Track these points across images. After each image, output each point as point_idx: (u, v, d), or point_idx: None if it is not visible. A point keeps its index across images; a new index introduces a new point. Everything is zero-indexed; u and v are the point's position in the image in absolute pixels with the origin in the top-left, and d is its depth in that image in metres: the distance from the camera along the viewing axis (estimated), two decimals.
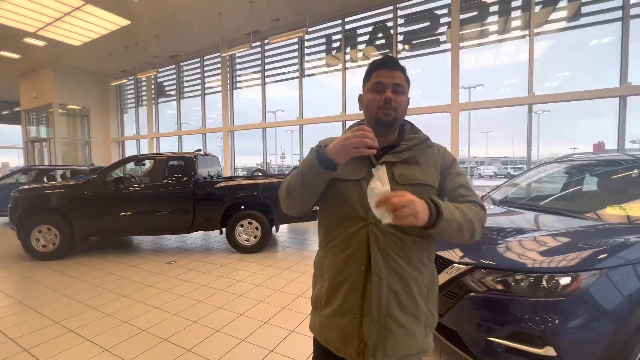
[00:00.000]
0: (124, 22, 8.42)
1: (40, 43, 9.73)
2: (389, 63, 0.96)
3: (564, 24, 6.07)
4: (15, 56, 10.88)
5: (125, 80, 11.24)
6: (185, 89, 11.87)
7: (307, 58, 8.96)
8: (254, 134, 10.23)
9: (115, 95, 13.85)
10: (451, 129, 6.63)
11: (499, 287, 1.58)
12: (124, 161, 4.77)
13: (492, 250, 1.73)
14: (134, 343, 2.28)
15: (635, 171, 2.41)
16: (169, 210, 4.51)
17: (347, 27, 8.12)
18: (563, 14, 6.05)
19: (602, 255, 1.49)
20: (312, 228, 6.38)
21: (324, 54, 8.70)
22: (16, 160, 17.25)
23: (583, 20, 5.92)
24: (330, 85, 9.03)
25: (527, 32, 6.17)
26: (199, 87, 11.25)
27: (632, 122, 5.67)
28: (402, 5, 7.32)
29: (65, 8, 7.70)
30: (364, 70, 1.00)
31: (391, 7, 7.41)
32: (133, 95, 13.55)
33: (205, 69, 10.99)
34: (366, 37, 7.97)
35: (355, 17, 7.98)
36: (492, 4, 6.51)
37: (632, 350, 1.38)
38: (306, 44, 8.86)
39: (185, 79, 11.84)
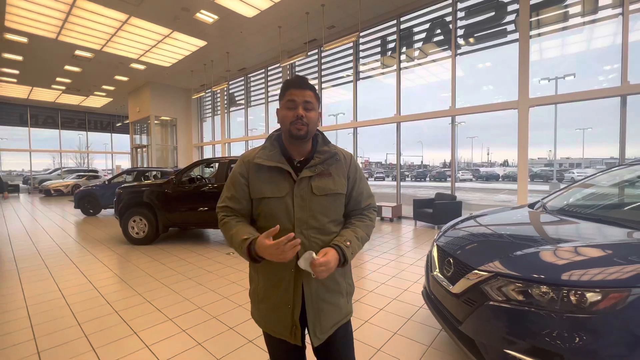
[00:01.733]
0: (202, 43, 9.71)
1: (141, 67, 11.83)
2: (299, 83, 1.08)
3: None
4: (125, 79, 13.42)
5: (203, 93, 12.87)
6: (252, 98, 13.01)
7: (362, 61, 9.01)
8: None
9: (196, 107, 15.93)
10: (519, 128, 5.96)
11: (520, 297, 1.49)
12: (193, 165, 5.56)
13: (516, 259, 1.63)
14: (190, 317, 2.73)
15: None
16: None
17: (403, 26, 7.93)
18: None
19: None
20: None
21: (379, 56, 8.64)
22: (127, 163, 21.07)
23: None
24: (389, 86, 8.92)
25: (620, 9, 5.20)
26: (263, 95, 12.24)
27: None
28: None
29: (159, 37, 9.26)
30: (422, 68, 1.11)
31: (450, 1, 7.00)
32: (210, 106, 15.40)
33: (269, 78, 11.90)
34: (423, 35, 7.67)
35: (410, 16, 7.75)
36: None
37: None
38: (361, 47, 8.93)
39: (252, 89, 12.99)
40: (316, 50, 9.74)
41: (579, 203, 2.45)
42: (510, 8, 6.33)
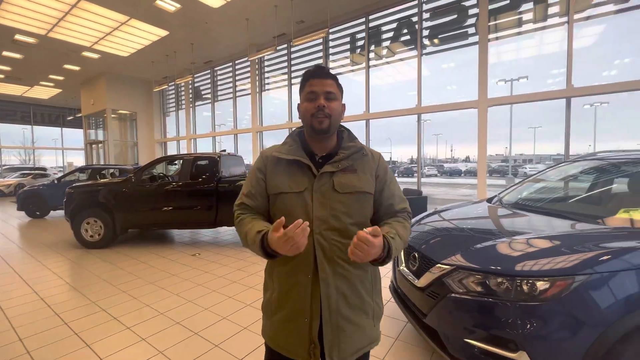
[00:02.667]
0: (163, 32, 9.16)
1: (95, 56, 10.92)
2: (319, 73, 1.00)
3: (611, 7, 5.47)
4: (76, 68, 12.32)
5: (166, 86, 12.19)
6: (219, 92, 12.55)
7: (332, 57, 9.02)
8: (285, 133, 10.55)
9: (158, 100, 15.06)
10: (479, 126, 6.31)
11: (478, 288, 1.56)
12: (155, 162, 5.24)
13: (475, 252, 1.70)
14: (151, 324, 2.57)
15: None
16: (195, 206, 4.88)
17: (371, 24, 8.04)
18: None
19: (591, 260, 1.40)
20: None
21: (348, 53, 8.70)
22: (81, 160, 19.46)
23: (635, 1, 5.29)
24: (359, 83, 9.01)
25: (566, 18, 5.66)
26: (231, 89, 11.84)
27: None
28: None
29: (114, 24, 8.58)
30: (389, 67, 1.05)
31: (416, 2, 7.20)
32: (174, 100, 14.63)
33: (237, 72, 11.54)
34: (391, 34, 7.83)
35: (379, 15, 7.88)
36: None
37: None
38: (331, 43, 8.93)
39: (219, 82, 12.52)
40: (285, 45, 9.59)
41: (531, 197, 2.63)
42: (471, 12, 6.65)
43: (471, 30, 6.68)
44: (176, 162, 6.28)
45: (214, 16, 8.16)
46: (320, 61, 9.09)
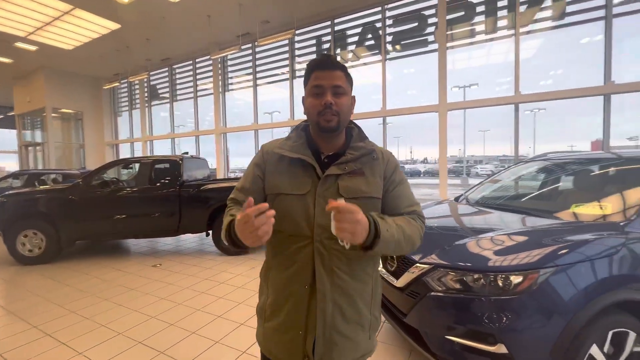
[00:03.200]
0: (114, 25, 8.44)
1: (32, 47, 9.74)
2: (326, 63, 0.90)
3: (549, 23, 6.10)
4: (7, 60, 10.89)
5: (117, 84, 11.25)
6: (178, 92, 11.88)
7: (298, 59, 8.98)
8: (250, 135, 10.27)
9: (108, 99, 13.85)
10: (439, 129, 6.66)
11: (457, 286, 1.60)
12: (108, 165, 4.78)
13: (452, 250, 1.75)
14: (108, 346, 2.30)
15: (606, 170, 2.44)
16: (155, 213, 4.52)
17: (337, 28, 8.14)
18: (548, 13, 6.08)
19: (552, 254, 1.51)
20: None
21: (314, 55, 8.72)
22: (14, 164, 17.21)
23: (568, 20, 5.96)
24: None
25: (513, 31, 6.20)
26: (191, 89, 11.26)
27: (626, 119, 5.72)
28: (390, 6, 7.35)
29: (55, 12, 7.72)
30: (356, 70, 0.97)
31: (379, 8, 7.44)
32: (127, 98, 13.56)
33: (198, 71, 11.01)
34: (356, 38, 7.99)
35: (344, 19, 8.00)
36: (479, 4, 6.54)
37: (581, 346, 1.40)
38: (296, 45, 8.89)
39: (178, 81, 11.86)
40: (250, 45, 9.36)
41: (495, 195, 2.80)
42: (430, 21, 7.02)
43: (430, 38, 7.05)
44: (132, 165, 5.79)
45: (173, 11, 7.70)
46: (286, 62, 9.01)
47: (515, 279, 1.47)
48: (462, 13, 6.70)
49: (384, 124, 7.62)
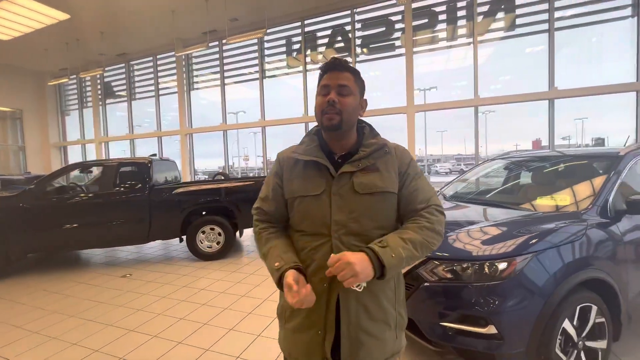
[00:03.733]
0: (63, 16, 7.68)
1: None
2: (335, 66, 0.93)
3: (501, 33, 6.69)
4: None
5: (65, 80, 10.24)
6: (137, 90, 11.13)
7: (267, 59, 8.88)
8: (214, 136, 9.91)
9: (54, 96, 12.55)
10: (408, 130, 6.99)
11: (448, 275, 1.72)
12: (67, 169, 4.36)
13: (443, 242, 1.88)
14: None
15: (562, 166, 2.75)
16: (122, 220, 4.21)
17: (307, 29, 8.18)
18: (501, 24, 6.67)
19: (530, 242, 1.68)
20: None
21: (284, 56, 8.68)
22: None
23: (518, 31, 6.58)
24: (292, 86, 9.04)
25: (471, 39, 6.70)
26: (152, 87, 10.61)
27: (559, 121, 6.43)
28: (359, 10, 7.56)
29: None
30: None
31: (349, 12, 7.61)
32: (76, 96, 12.39)
33: (159, 68, 10.40)
34: (326, 40, 8.10)
35: (314, 20, 8.07)
36: (441, 12, 6.98)
37: (556, 321, 1.59)
38: (266, 44, 8.78)
39: (137, 78, 11.11)
40: (217, 43, 9.06)
41: (469, 191, 3.02)
42: (397, 26, 7.34)
43: (397, 42, 7.38)
44: (92, 169, 5.33)
45: (133, 3, 7.21)
46: (255, 62, 8.86)
47: (501, 266, 1.62)
48: (426, 20, 7.10)
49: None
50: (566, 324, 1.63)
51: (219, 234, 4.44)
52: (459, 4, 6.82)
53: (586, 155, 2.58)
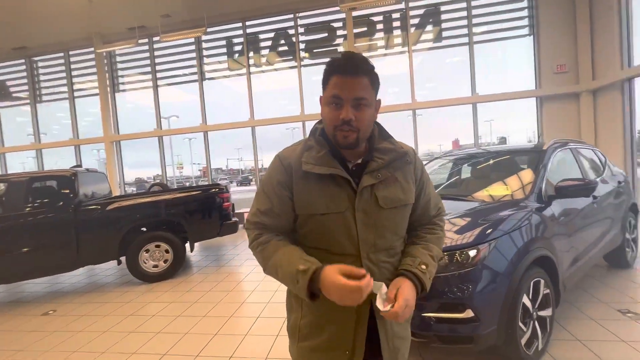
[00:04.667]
0: None
1: None
2: (348, 69, 0.78)
3: (430, 44, 7.43)
4: None
5: None
6: (44, 91, 9.45)
7: (206, 60, 8.36)
8: (141, 143, 8.93)
9: None
10: None
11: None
12: None
13: None
14: None
15: (499, 160, 3.11)
16: (39, 245, 3.49)
17: (249, 30, 7.94)
18: (430, 35, 7.40)
19: (492, 229, 1.86)
20: (226, 241, 5.98)
21: (225, 57, 8.28)
22: None
23: (444, 42, 7.38)
24: (232, 90, 8.67)
25: (406, 48, 7.29)
26: (64, 88, 9.11)
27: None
28: (301, 14, 7.62)
29: None
30: (267, 75, 0.87)
31: (292, 16, 7.61)
32: None
33: (76, 66, 8.99)
34: (269, 43, 7.97)
35: (256, 22, 7.88)
36: (379, 22, 7.45)
37: (518, 297, 1.78)
38: (204, 45, 8.26)
39: (43, 77, 9.43)
40: (147, 40, 8.21)
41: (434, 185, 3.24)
42: (339, 32, 7.59)
43: (340, 48, 7.63)
44: None
45: None
46: (193, 63, 8.27)
47: (471, 253, 1.76)
48: (365, 28, 7.50)
49: (303, 128, 7.82)
50: (524, 299, 1.85)
51: (166, 251, 3.99)
52: (394, 15, 7.36)
53: (517, 150, 2.99)
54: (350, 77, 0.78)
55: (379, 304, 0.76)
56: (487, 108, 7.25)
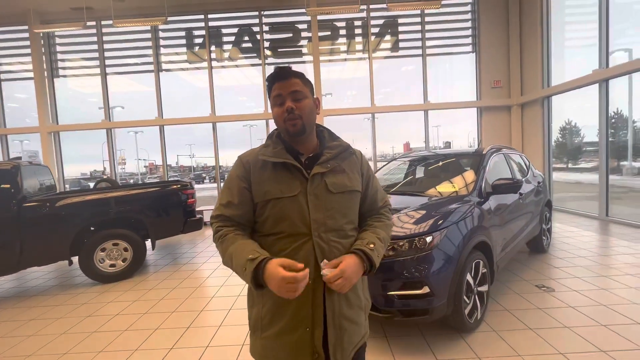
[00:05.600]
0: None
1: None
2: (280, 75, 0.97)
3: (388, 53, 7.98)
4: None
5: None
6: None
7: (163, 50, 7.94)
8: (79, 135, 8.19)
9: None
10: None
11: (391, 253, 2.08)
12: None
13: None
14: None
15: (441, 163, 3.57)
16: None
17: (211, 24, 7.73)
18: (388, 45, 7.94)
19: (442, 220, 2.21)
20: (183, 240, 5.83)
21: (184, 49, 7.95)
22: None
23: (400, 52, 7.97)
24: (189, 83, 8.36)
25: (367, 54, 7.73)
26: None
27: (423, 127, 8.11)
28: (266, 13, 7.64)
29: None
30: (227, 71, 1.01)
31: (256, 13, 7.59)
32: None
33: (1, 45, 7.90)
34: (232, 38, 7.84)
35: (219, 15, 7.70)
36: (342, 27, 7.78)
37: (463, 276, 2.15)
38: (161, 34, 7.84)
39: None
40: (94, 23, 7.54)
41: (385, 184, 3.58)
42: (304, 34, 7.76)
43: (304, 50, 7.82)
44: None
45: None
46: (148, 52, 7.80)
47: (428, 239, 2.08)
48: (329, 33, 7.78)
49: (267, 126, 7.85)
50: (468, 277, 2.22)
51: (125, 250, 3.81)
52: (356, 23, 7.76)
53: (462, 154, 3.47)
54: (285, 80, 0.97)
55: (322, 273, 0.87)
56: (435, 114, 8.00)
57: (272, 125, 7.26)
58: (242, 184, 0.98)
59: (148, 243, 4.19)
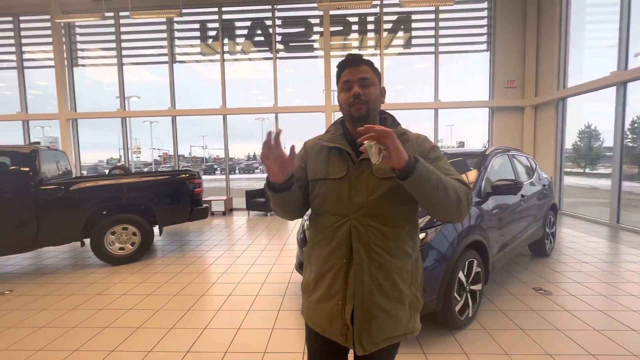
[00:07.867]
0: None
1: None
2: (351, 61, 0.99)
3: (400, 49, 7.90)
4: None
5: None
6: None
7: (177, 42, 8.09)
8: (96, 123, 8.46)
9: None
10: (326, 127, 7.53)
11: None
12: None
13: None
14: None
15: (453, 160, 3.58)
16: None
17: (225, 17, 7.83)
18: (401, 41, 7.86)
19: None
20: (190, 228, 6.00)
21: (198, 41, 8.08)
22: None
23: (413, 49, 7.89)
24: (203, 75, 8.50)
25: (378, 50, 7.68)
26: (12, 57, 8.28)
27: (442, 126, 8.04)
28: (279, 7, 7.67)
29: None
30: (240, 64, 1.04)
31: (269, 7, 7.64)
32: None
33: (27, 33, 8.20)
34: (245, 32, 7.92)
35: (233, 9, 7.78)
36: (354, 23, 7.74)
37: (455, 273, 2.18)
38: (176, 26, 7.98)
39: None
40: (112, 14, 7.74)
41: None
42: (316, 29, 7.77)
43: (315, 44, 7.83)
44: None
45: None
46: (163, 44, 7.97)
47: (421, 235, 2.12)
48: (341, 28, 7.76)
49: (276, 120, 7.93)
50: (460, 275, 2.25)
51: (134, 234, 3.98)
52: (369, 18, 7.70)
53: (466, 153, 3.45)
54: (355, 66, 0.99)
55: (370, 152, 0.79)
56: (447, 113, 7.91)
57: (282, 119, 7.33)
58: (300, 163, 1.09)
59: (156, 229, 4.35)
